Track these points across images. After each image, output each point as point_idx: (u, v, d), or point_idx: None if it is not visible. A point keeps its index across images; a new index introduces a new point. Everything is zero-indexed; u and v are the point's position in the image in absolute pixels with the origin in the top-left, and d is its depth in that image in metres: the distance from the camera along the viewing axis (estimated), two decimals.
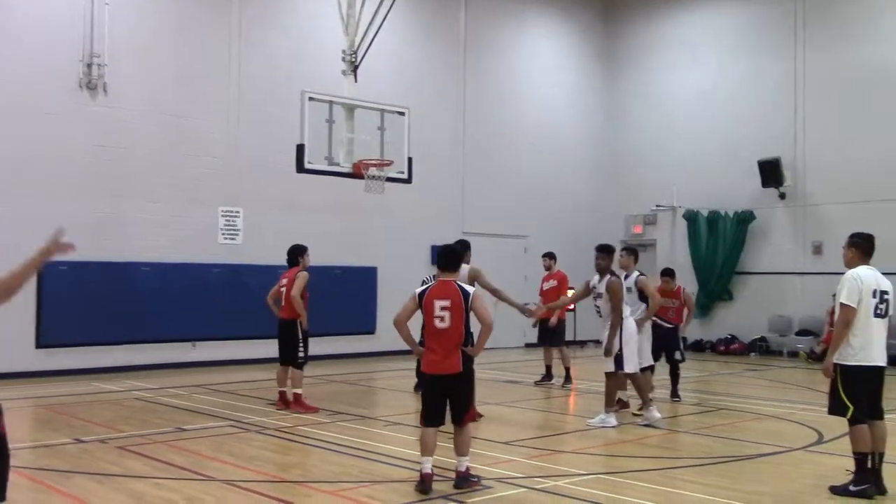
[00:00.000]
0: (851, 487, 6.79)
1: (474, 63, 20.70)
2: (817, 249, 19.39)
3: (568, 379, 13.52)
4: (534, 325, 14.10)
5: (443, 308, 7.00)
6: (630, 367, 9.86)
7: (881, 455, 6.97)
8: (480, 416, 9.91)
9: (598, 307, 10.11)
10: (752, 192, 20.09)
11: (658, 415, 9.88)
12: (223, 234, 16.58)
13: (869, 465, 6.88)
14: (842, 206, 18.77)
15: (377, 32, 13.42)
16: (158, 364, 15.34)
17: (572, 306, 16.64)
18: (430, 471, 6.77)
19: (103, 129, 15.13)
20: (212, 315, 15.99)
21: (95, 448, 8.57)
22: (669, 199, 21.45)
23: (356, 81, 13.19)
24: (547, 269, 14.29)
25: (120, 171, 15.31)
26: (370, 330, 17.78)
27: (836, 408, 6.99)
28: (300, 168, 12.43)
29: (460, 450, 6.95)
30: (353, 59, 13.22)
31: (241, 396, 12.37)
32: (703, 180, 20.90)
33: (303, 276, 10.84)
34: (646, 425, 9.84)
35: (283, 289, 11.00)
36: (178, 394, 12.55)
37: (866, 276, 6.93)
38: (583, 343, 20.99)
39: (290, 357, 10.92)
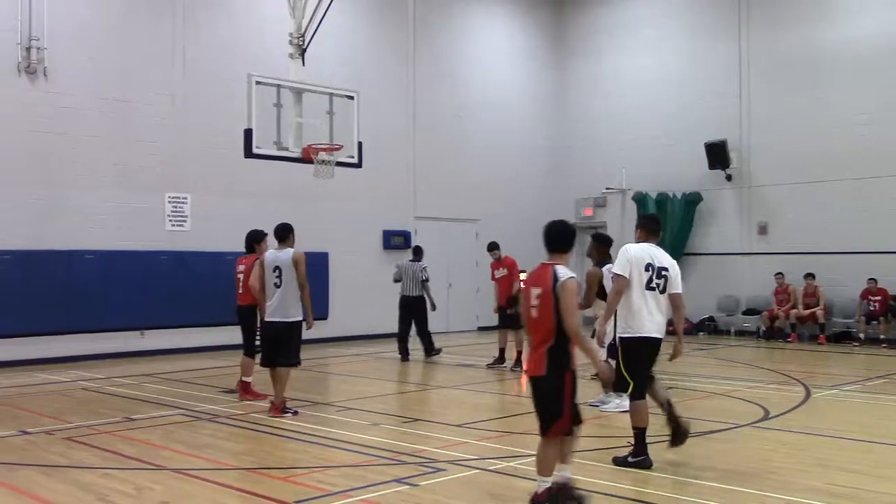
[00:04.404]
0: (630, 459, 7.08)
1: (424, 47, 20.62)
2: (763, 230, 19.76)
3: (518, 362, 13.59)
4: (495, 311, 14.22)
5: (536, 296, 5.79)
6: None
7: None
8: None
9: None
10: (699, 174, 20.36)
11: (614, 406, 9.83)
12: (170, 220, 16.32)
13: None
14: (786, 188, 19.18)
15: (324, 15, 13.26)
16: (106, 353, 15.09)
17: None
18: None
19: (45, 115, 14.77)
20: (160, 303, 15.77)
21: (42, 439, 8.42)
22: (619, 182, 21.66)
23: (304, 65, 13.04)
24: (496, 259, 14.36)
25: (63, 157, 14.98)
26: (322, 315, 17.61)
27: (618, 383, 7.20)
28: (248, 153, 12.27)
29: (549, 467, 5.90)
30: (301, 43, 13.06)
31: (192, 385, 12.24)
32: (651, 163, 21.12)
33: (259, 264, 10.63)
34: (594, 405, 9.94)
35: (241, 275, 10.84)
36: (127, 383, 12.37)
37: (637, 249, 7.23)
38: None
39: (250, 345, 10.76)
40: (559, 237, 5.90)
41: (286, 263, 9.57)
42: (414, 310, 15.34)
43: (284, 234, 9.81)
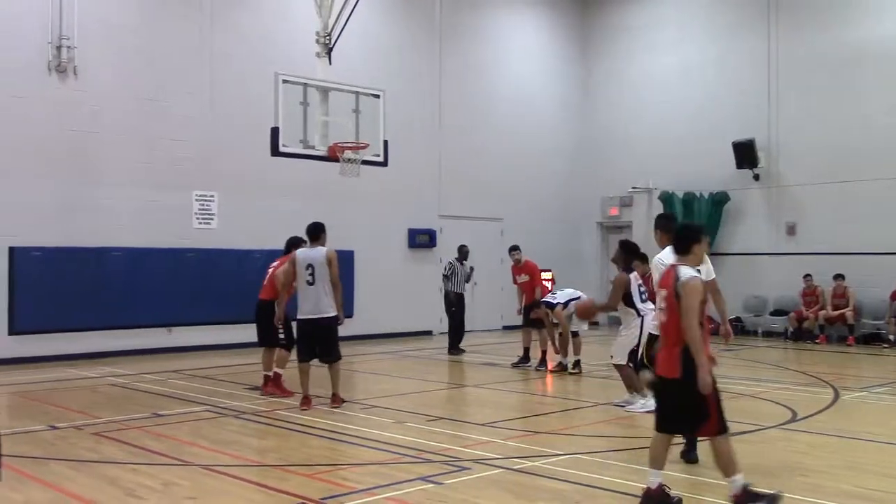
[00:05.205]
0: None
1: (450, 45, 20.62)
2: (791, 230, 19.56)
3: (543, 362, 13.58)
4: (518, 312, 14.27)
5: (663, 298, 5.93)
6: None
7: None
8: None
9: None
10: (726, 173, 20.19)
11: (640, 406, 9.73)
12: (197, 218, 16.44)
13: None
14: (815, 187, 18.98)
15: (351, 13, 13.31)
16: (134, 350, 15.24)
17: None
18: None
19: (74, 113, 14.93)
20: (187, 300, 15.88)
21: (71, 434, 8.51)
22: (645, 181, 21.53)
23: (330, 64, 13.08)
24: (516, 262, 14.38)
25: (92, 155, 15.13)
26: (348, 313, 17.65)
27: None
28: (275, 151, 12.35)
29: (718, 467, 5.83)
30: (328, 41, 13.10)
31: (218, 381, 12.32)
32: (678, 162, 20.97)
33: (290, 262, 10.63)
34: (620, 406, 9.89)
35: (271, 269, 10.96)
36: (155, 379, 12.48)
37: (669, 256, 7.09)
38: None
39: (270, 338, 10.88)
40: (678, 239, 6.06)
41: (319, 261, 9.70)
42: (445, 305, 16.41)
43: (317, 232, 9.95)
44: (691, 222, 6.29)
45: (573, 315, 12.97)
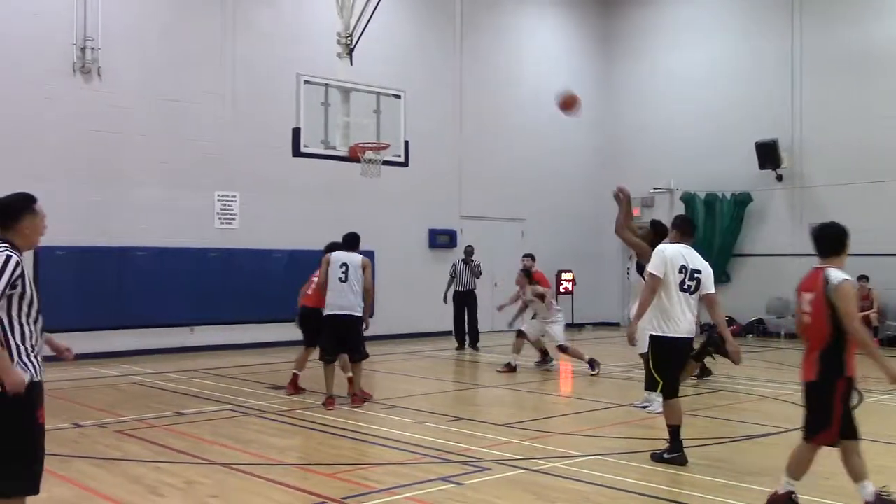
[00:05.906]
0: (665, 455, 7.21)
1: (471, 45, 20.61)
2: None
3: (545, 357, 13.72)
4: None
5: (808, 301, 5.79)
6: None
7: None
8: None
9: None
10: (749, 173, 20.06)
11: (658, 407, 9.63)
12: (219, 218, 16.54)
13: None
14: (839, 188, 18.79)
15: (372, 14, 13.35)
16: (157, 349, 15.35)
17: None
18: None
19: (98, 114, 15.06)
20: (209, 300, 15.98)
21: (94, 432, 8.59)
22: (667, 182, 21.44)
23: (352, 64, 13.13)
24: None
25: (115, 155, 15.26)
26: (369, 314, 17.73)
27: (648, 383, 7.58)
28: (296, 152, 12.41)
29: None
30: (349, 42, 13.15)
31: (240, 380, 12.39)
32: (700, 162, 20.86)
33: (325, 262, 10.64)
34: (641, 407, 9.85)
35: (316, 278, 11.05)
36: (177, 378, 12.56)
37: (672, 251, 7.25)
38: (580, 326, 21.17)
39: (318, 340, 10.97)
40: (824, 240, 5.88)
41: (354, 264, 10.14)
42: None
43: (355, 241, 10.53)
44: (831, 223, 6.10)
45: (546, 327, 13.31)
